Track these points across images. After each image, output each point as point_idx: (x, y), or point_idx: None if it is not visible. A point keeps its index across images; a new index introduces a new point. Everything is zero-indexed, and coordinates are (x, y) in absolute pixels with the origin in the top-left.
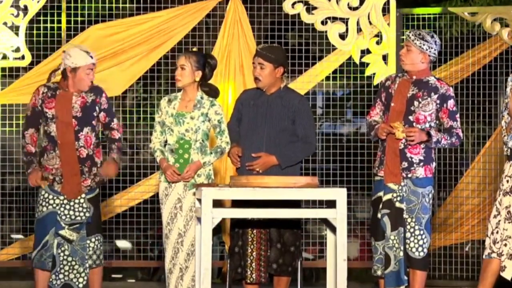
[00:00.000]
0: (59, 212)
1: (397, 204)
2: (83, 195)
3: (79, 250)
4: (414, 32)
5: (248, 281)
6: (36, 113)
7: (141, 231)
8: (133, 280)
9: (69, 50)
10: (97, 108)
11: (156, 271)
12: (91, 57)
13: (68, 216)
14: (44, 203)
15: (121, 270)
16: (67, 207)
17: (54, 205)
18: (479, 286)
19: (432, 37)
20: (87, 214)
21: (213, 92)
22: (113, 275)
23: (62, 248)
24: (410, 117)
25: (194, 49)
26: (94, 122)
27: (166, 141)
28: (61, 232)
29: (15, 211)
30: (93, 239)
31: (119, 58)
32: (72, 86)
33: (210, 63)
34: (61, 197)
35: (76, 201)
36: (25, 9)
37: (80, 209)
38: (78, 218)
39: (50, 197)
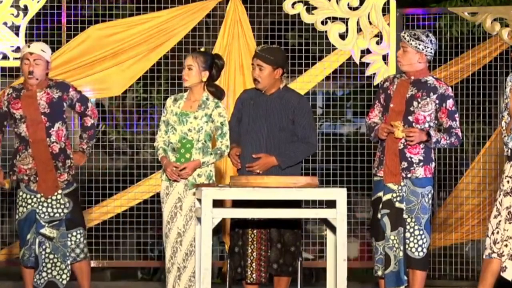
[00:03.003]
0: (37, 210)
1: (397, 204)
2: (59, 191)
3: (60, 247)
4: (409, 33)
5: (249, 281)
6: (0, 114)
7: (141, 231)
8: (133, 280)
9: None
10: (65, 103)
11: (156, 271)
12: (28, 46)
13: (46, 213)
14: (23, 204)
15: (121, 270)
16: (45, 204)
17: (32, 203)
18: (479, 286)
19: (427, 36)
20: (65, 211)
21: (218, 93)
22: (113, 275)
23: (44, 246)
24: (410, 118)
25: (202, 49)
26: (64, 115)
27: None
28: (42, 230)
29: (15, 211)
30: (74, 233)
31: (119, 58)
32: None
33: (218, 63)
34: (38, 195)
35: (54, 197)
36: (25, 9)
37: (58, 205)
38: (57, 215)
39: (28, 196)
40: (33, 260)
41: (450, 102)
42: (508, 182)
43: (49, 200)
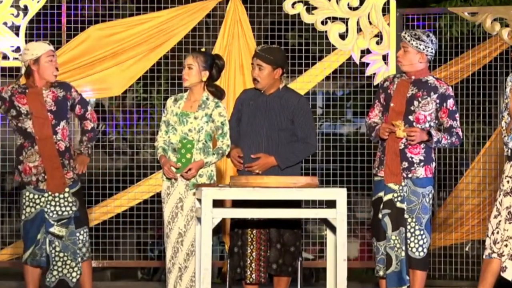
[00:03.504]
0: (46, 209)
1: (398, 204)
2: (67, 189)
3: (70, 245)
4: (409, 33)
5: (248, 281)
6: None
7: (141, 231)
8: (133, 280)
9: (26, 46)
10: (68, 103)
11: (156, 271)
12: (49, 44)
13: (55, 212)
14: (31, 204)
15: (121, 270)
16: (53, 203)
17: (41, 203)
18: (479, 286)
19: (428, 36)
20: (74, 208)
21: (218, 93)
22: (113, 275)
23: (53, 245)
24: (410, 117)
25: (202, 50)
26: (68, 115)
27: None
28: (51, 229)
29: (15, 211)
30: (81, 231)
31: (119, 58)
32: (39, 80)
33: (218, 64)
34: (46, 194)
35: (61, 196)
36: (25, 9)
37: (66, 203)
38: (65, 213)
39: (36, 196)
40: (45, 260)
41: (450, 102)
42: (508, 182)
43: (56, 199)
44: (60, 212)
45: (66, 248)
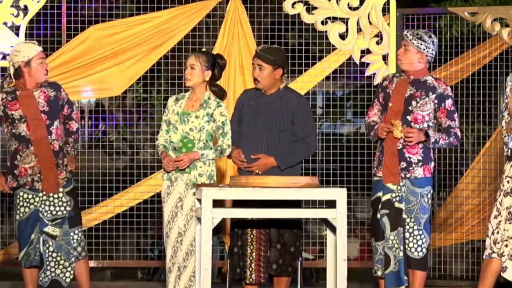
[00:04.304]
0: (40, 209)
1: (396, 204)
2: (61, 189)
3: (63, 245)
4: (411, 32)
5: (248, 281)
6: None
7: (141, 231)
8: (133, 280)
9: (15, 47)
10: (59, 103)
11: (156, 271)
12: (38, 45)
13: (49, 212)
14: (25, 204)
15: (121, 270)
16: (47, 203)
17: (35, 203)
18: (479, 286)
19: (430, 37)
20: (68, 208)
21: (221, 93)
22: (113, 275)
23: (47, 245)
24: (408, 117)
25: (204, 49)
26: (60, 115)
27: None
28: (45, 229)
29: (15, 211)
30: (76, 231)
31: (119, 58)
32: (29, 82)
33: (220, 63)
34: (40, 194)
35: (56, 196)
36: (25, 9)
37: (60, 203)
38: (60, 213)
39: (30, 196)
40: (38, 259)
41: (449, 102)
42: (508, 182)
43: (51, 199)
44: (54, 212)
45: (60, 248)
